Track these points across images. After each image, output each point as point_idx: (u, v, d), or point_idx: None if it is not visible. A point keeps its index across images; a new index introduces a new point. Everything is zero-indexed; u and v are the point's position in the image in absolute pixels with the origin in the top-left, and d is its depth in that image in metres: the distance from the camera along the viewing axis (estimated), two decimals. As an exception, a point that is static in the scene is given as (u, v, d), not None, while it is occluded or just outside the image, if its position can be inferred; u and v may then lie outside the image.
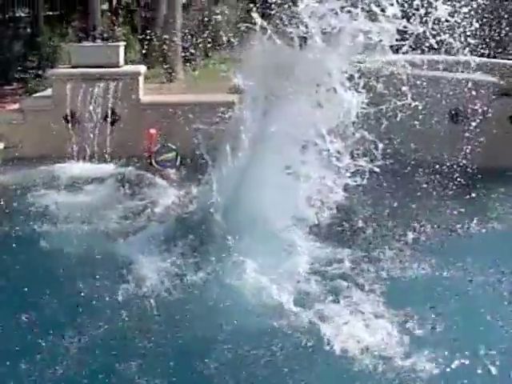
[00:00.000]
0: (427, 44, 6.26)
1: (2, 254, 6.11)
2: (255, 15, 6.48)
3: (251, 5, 6.98)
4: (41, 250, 6.25)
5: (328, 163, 5.98)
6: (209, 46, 18.96)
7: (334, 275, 5.75)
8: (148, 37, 18.22)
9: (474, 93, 8.70)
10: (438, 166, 7.85)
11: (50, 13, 18.45)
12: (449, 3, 6.04)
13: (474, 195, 7.62)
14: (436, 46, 6.32)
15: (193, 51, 17.85)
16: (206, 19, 18.48)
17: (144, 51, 17.91)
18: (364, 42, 5.90)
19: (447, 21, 6.05)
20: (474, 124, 8.52)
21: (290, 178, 6.13)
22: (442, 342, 4.71)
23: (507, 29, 10.32)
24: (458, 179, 7.65)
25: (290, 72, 6.24)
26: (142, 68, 10.60)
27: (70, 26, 17.53)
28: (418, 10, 5.86)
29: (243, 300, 5.28)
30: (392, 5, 5.78)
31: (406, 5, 5.90)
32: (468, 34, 6.60)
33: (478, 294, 5.55)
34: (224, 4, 19.33)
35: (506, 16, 11.02)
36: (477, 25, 6.63)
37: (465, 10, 6.33)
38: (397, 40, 5.93)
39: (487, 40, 8.72)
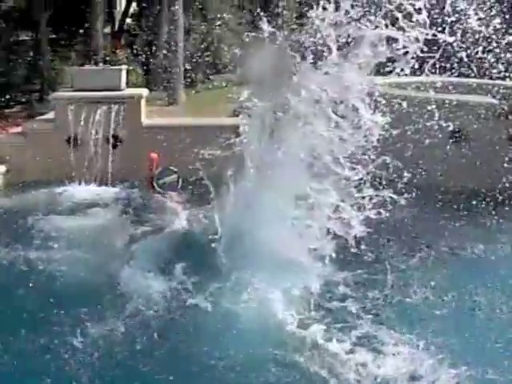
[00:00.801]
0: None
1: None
2: (265, 26, 6.37)
3: (261, 12, 6.81)
4: (39, 275, 6.18)
5: (346, 192, 5.77)
6: (210, 69, 19.16)
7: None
8: (150, 60, 18.41)
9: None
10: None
11: (53, 36, 18.57)
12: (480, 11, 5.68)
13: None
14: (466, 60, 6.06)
15: (194, 74, 18.03)
16: (207, 43, 18.70)
17: (146, 74, 18.09)
18: (387, 53, 5.59)
19: (479, 32, 5.74)
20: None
21: (302, 209, 5.91)
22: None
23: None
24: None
25: (302, 87, 6.03)
26: (144, 91, 10.66)
27: (73, 50, 17.69)
28: (447, 17, 5.55)
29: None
30: (419, 10, 5.41)
31: (433, 12, 5.56)
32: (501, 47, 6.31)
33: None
34: (225, 28, 19.48)
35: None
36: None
37: (497, 20, 6.00)
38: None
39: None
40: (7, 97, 15.70)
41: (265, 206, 6.05)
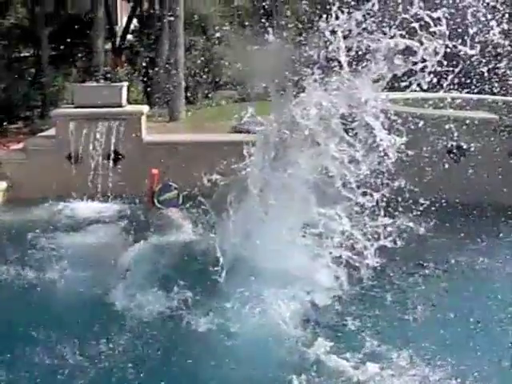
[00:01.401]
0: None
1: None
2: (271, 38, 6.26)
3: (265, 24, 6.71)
4: (34, 292, 6.16)
5: (357, 220, 5.58)
6: (210, 85, 19.24)
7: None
8: (150, 77, 18.50)
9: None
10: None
11: (54, 53, 18.68)
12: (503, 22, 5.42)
13: None
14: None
15: (195, 91, 18.12)
16: (207, 60, 18.79)
17: (147, 91, 18.17)
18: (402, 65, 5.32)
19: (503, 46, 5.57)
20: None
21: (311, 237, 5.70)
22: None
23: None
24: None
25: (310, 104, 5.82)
26: (145, 108, 10.71)
27: (74, 66, 17.79)
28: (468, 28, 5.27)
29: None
30: (439, 20, 5.15)
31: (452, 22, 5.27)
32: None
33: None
34: (226, 44, 19.58)
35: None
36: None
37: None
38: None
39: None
40: (8, 113, 15.80)
41: (268, 234, 5.80)
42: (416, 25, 5.21)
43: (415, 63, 5.38)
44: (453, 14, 5.40)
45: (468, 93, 8.79)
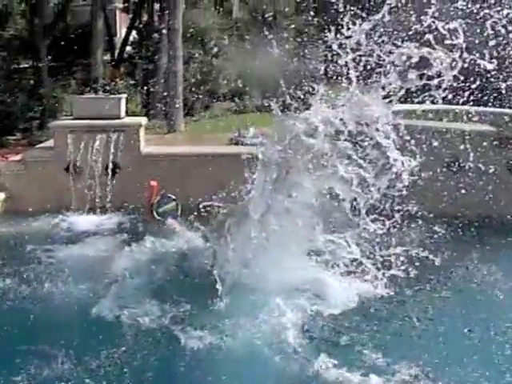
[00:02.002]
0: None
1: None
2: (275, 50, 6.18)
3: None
4: (26, 306, 6.11)
5: (366, 249, 5.39)
6: (209, 97, 19.30)
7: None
8: (149, 88, 18.56)
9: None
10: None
11: (53, 64, 18.74)
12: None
13: None
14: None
15: (193, 103, 18.16)
16: (206, 72, 18.86)
17: (145, 102, 18.22)
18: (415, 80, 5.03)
19: None
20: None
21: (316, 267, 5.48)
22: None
23: None
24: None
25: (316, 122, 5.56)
26: (143, 120, 10.74)
27: (73, 78, 17.83)
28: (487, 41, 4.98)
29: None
30: (456, 32, 4.82)
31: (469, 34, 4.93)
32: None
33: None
34: (224, 58, 19.67)
35: None
36: None
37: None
38: None
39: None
40: (7, 124, 15.83)
41: (270, 262, 5.57)
42: (430, 36, 4.99)
43: (430, 77, 5.14)
44: (470, 25, 5.14)
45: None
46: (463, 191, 7.94)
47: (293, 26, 17.56)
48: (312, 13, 19.62)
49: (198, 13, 19.87)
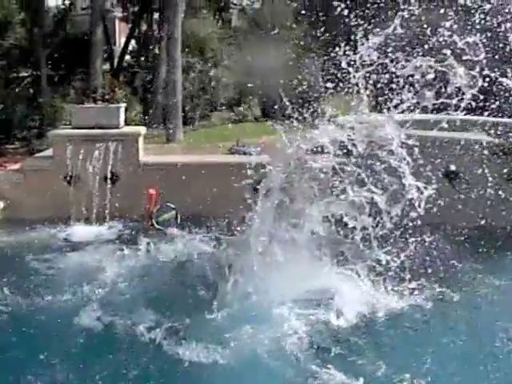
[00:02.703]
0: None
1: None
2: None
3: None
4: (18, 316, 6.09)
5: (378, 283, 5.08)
6: (208, 106, 19.35)
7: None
8: (148, 98, 18.60)
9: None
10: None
11: (52, 73, 18.77)
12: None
13: None
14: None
15: (192, 112, 18.20)
16: (205, 81, 18.91)
17: (144, 112, 18.25)
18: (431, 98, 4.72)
19: None
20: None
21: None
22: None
23: None
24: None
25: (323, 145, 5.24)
26: (142, 129, 10.75)
27: (72, 87, 17.85)
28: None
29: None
30: (476, 46, 4.52)
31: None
32: None
33: None
34: (223, 67, 19.72)
35: None
36: None
37: None
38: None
39: None
40: (6, 133, 15.84)
41: (272, 301, 5.24)
42: (448, 52, 4.69)
43: (449, 96, 4.88)
44: (491, 39, 4.85)
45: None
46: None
47: (292, 36, 17.60)
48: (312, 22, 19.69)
49: (198, 22, 19.94)
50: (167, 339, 5.30)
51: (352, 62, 5.14)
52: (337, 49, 5.20)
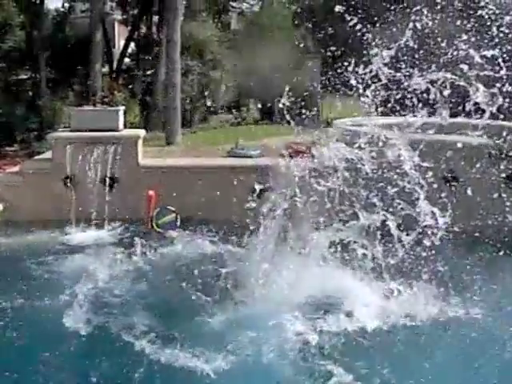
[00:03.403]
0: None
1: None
2: None
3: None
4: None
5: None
6: (207, 109, 19.38)
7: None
8: (147, 101, 18.63)
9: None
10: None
11: (52, 76, 18.80)
12: None
13: None
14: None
15: (191, 114, 18.23)
16: (204, 84, 18.94)
17: (143, 114, 18.28)
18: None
19: None
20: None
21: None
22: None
23: None
24: None
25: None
26: (141, 132, 10.76)
27: (71, 90, 17.89)
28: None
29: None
30: (494, 61, 4.17)
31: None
32: None
33: None
34: (222, 70, 19.75)
35: None
36: None
37: None
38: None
39: None
40: (5, 135, 15.85)
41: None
42: (465, 67, 4.38)
43: (468, 113, 4.66)
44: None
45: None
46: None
47: (290, 39, 17.63)
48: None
49: (197, 25, 19.97)
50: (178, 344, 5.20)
51: (358, 75, 4.99)
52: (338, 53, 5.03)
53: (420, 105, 4.96)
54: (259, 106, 18.72)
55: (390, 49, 4.78)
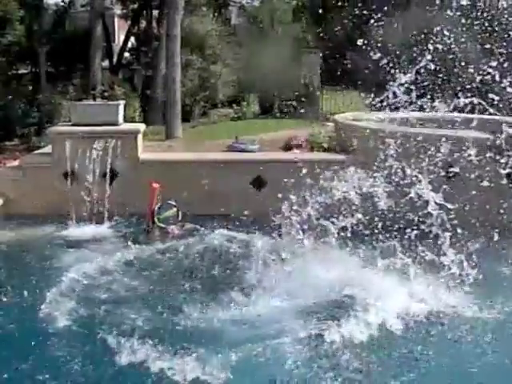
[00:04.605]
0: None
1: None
2: None
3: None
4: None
5: None
6: (207, 104, 19.37)
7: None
8: (148, 95, 18.61)
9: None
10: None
11: (52, 70, 18.78)
12: None
13: None
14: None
15: (191, 109, 18.21)
16: (204, 78, 18.93)
17: (143, 109, 18.26)
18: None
19: None
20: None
21: None
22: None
23: None
24: None
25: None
26: (141, 126, 10.75)
27: (71, 84, 17.87)
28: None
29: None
30: None
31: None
32: None
33: None
34: (222, 64, 19.73)
35: None
36: None
37: None
38: None
39: None
40: (5, 130, 15.86)
41: None
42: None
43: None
44: None
45: None
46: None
47: (290, 33, 17.62)
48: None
49: (197, 19, 19.95)
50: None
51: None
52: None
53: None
54: (259, 100, 18.73)
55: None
